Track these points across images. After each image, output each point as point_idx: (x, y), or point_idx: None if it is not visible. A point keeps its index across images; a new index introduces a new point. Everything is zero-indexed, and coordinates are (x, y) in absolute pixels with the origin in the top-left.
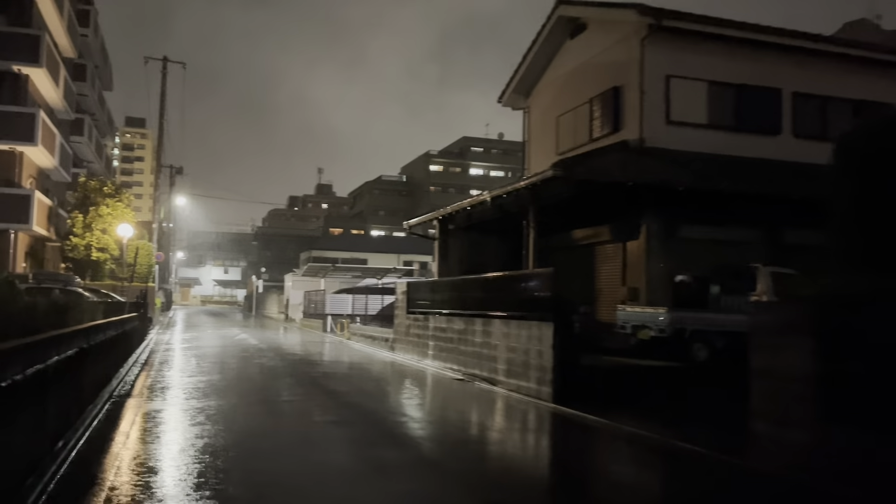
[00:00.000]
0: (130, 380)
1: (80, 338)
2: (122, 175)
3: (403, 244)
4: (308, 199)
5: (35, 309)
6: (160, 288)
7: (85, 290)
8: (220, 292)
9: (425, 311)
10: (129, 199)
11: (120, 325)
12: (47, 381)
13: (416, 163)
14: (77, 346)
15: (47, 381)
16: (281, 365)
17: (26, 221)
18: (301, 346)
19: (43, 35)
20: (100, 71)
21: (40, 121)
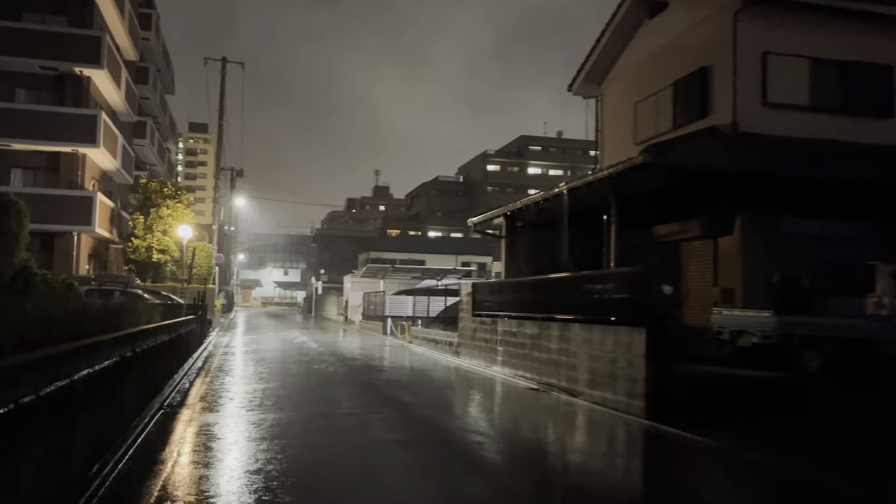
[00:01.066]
0: (184, 388)
1: (122, 345)
2: (186, 180)
3: (461, 245)
4: (366, 201)
5: (86, 312)
6: (221, 290)
7: (144, 292)
8: (280, 294)
9: (493, 313)
10: (189, 200)
11: (174, 329)
12: (73, 399)
13: (474, 163)
14: (118, 355)
15: (73, 400)
16: (341, 371)
17: (88, 223)
18: (361, 350)
19: (103, 36)
20: (162, 74)
21: (102, 122)
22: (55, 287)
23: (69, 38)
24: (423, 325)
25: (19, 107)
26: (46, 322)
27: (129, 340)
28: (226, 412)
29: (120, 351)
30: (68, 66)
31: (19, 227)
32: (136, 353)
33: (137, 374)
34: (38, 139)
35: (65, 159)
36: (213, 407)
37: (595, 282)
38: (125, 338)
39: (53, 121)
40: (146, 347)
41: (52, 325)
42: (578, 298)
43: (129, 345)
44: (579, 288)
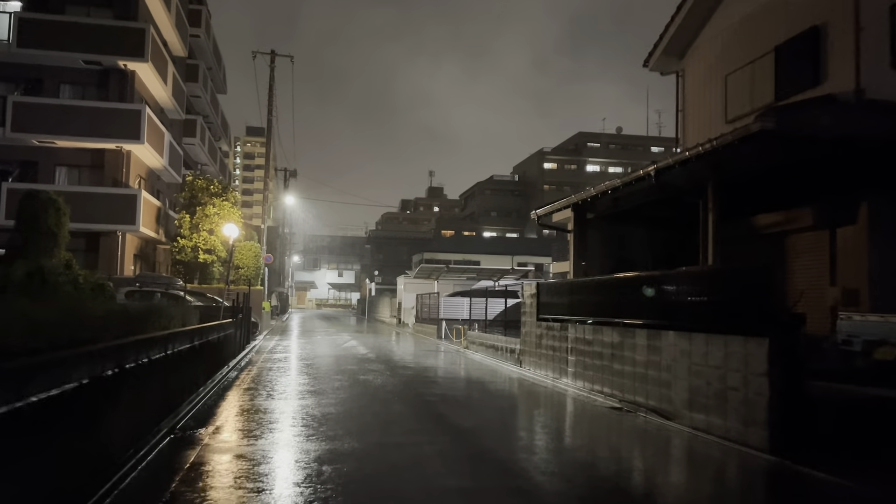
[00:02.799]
0: (208, 404)
1: (109, 357)
2: (244, 183)
3: (516, 245)
4: (419, 202)
5: (109, 318)
6: (273, 291)
7: (187, 294)
8: (334, 295)
9: (562, 317)
10: (236, 198)
11: (199, 335)
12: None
13: (530, 161)
14: (99, 372)
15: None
16: (392, 383)
17: (133, 222)
18: (415, 357)
19: (147, 28)
20: (213, 73)
21: (146, 117)
22: (83, 288)
23: (113, 31)
24: (480, 329)
25: (62, 102)
26: (31, 327)
27: (118, 352)
28: (247, 446)
29: (103, 366)
30: (112, 61)
31: (58, 225)
32: (138, 365)
33: (133, 392)
34: (81, 136)
35: (109, 157)
36: (235, 434)
37: (695, 281)
38: (115, 349)
39: (97, 117)
40: (151, 359)
41: (36, 331)
42: (672, 301)
43: (116, 358)
44: (676, 289)
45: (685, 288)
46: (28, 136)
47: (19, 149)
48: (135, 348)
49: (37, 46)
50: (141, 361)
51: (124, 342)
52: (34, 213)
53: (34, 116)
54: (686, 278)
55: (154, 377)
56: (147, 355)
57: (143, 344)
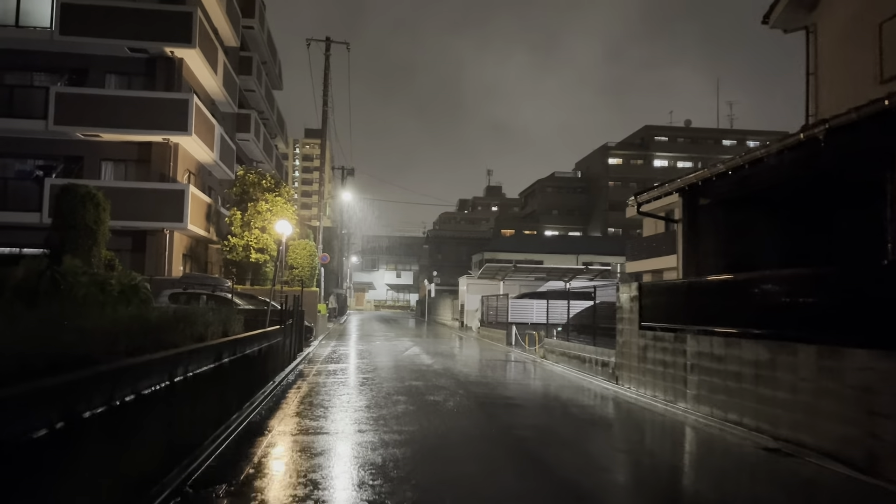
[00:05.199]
0: (238, 443)
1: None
2: (303, 185)
3: (581, 244)
4: (477, 202)
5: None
6: (331, 292)
7: (235, 296)
8: (392, 297)
9: (676, 326)
10: (290, 194)
11: (231, 348)
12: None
13: (593, 156)
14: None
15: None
16: (467, 408)
17: (180, 220)
18: (487, 370)
19: (195, 11)
20: (267, 67)
21: (193, 107)
22: (110, 291)
23: (158, 16)
24: (559, 336)
25: (106, 93)
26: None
27: (83, 390)
28: (276, 499)
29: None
30: (158, 48)
31: (97, 221)
32: (139, 397)
33: (104, 445)
34: (127, 128)
35: (156, 150)
36: (257, 493)
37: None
38: (46, 393)
39: (142, 107)
40: (139, 395)
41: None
42: (860, 307)
43: (83, 400)
44: (861, 290)
45: (877, 288)
46: (72, 130)
47: (63, 143)
48: (144, 372)
49: (80, 34)
50: (119, 401)
51: (74, 378)
52: (71, 209)
53: (78, 108)
54: (881, 275)
55: (150, 417)
56: (133, 389)
57: (117, 375)
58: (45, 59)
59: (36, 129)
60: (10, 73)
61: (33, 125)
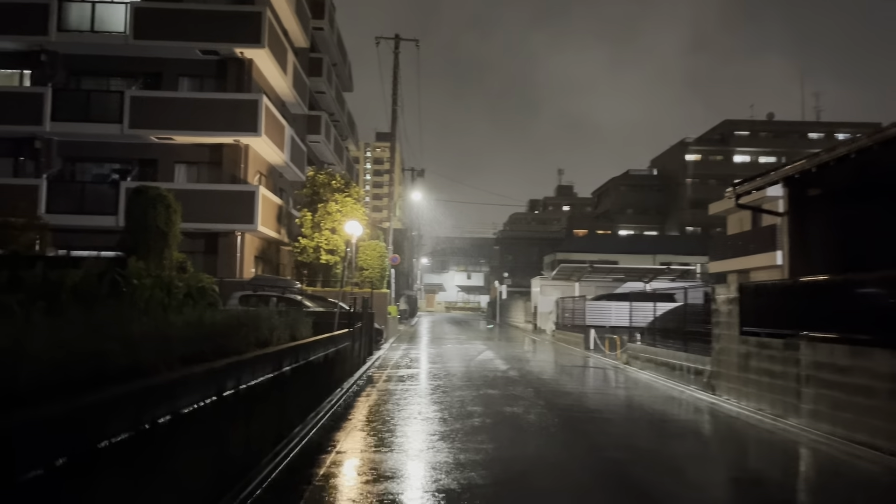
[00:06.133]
0: (298, 463)
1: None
2: (374, 188)
3: (658, 243)
4: (548, 202)
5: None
6: (402, 294)
7: (306, 298)
8: (463, 298)
9: (785, 332)
10: (360, 194)
11: (292, 356)
12: None
13: (670, 153)
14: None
15: None
16: (550, 422)
17: (251, 221)
18: (567, 377)
19: (264, 11)
20: (338, 68)
21: (263, 108)
22: (176, 294)
23: (228, 17)
24: (644, 340)
25: (178, 95)
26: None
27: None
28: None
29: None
30: (229, 49)
31: (168, 223)
32: (126, 438)
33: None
34: (198, 130)
35: (227, 152)
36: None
37: None
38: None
39: (213, 109)
40: (176, 414)
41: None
42: None
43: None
44: None
45: None
46: (146, 133)
47: (138, 146)
48: (114, 407)
49: (153, 37)
50: (149, 423)
51: (83, 404)
52: (143, 211)
53: (151, 111)
54: None
55: (190, 440)
56: (169, 408)
57: (147, 394)
58: (119, 64)
59: (112, 133)
60: (87, 79)
61: (109, 129)
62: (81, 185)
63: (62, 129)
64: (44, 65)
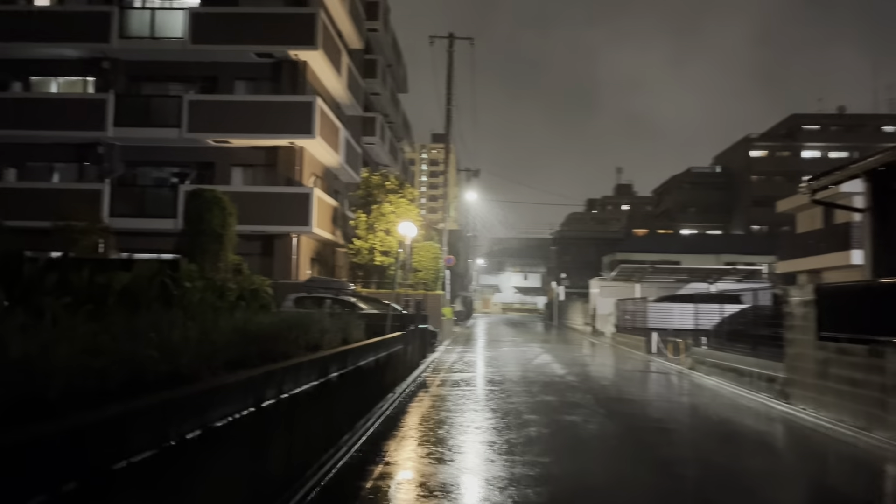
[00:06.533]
0: (352, 463)
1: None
2: (430, 189)
3: (722, 243)
4: (607, 201)
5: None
6: (457, 296)
7: (360, 300)
8: (520, 299)
9: (869, 337)
10: (414, 195)
11: (340, 361)
12: None
13: (734, 149)
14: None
15: None
16: (608, 431)
17: (305, 223)
18: (626, 382)
19: (317, 13)
20: (392, 70)
21: (317, 109)
22: (228, 297)
23: (282, 19)
24: (709, 344)
25: (234, 99)
26: None
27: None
28: None
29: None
30: (283, 51)
31: (224, 226)
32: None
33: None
34: (254, 133)
35: (282, 154)
36: None
37: None
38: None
39: (268, 112)
40: (209, 428)
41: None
42: None
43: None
44: None
45: None
46: (203, 136)
47: (195, 150)
48: (133, 422)
49: (209, 42)
50: (175, 440)
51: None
52: (199, 214)
53: (208, 115)
54: None
55: (223, 455)
56: (199, 421)
57: (175, 406)
58: (177, 69)
59: (170, 137)
60: (147, 84)
61: (168, 133)
62: (142, 189)
63: (124, 134)
64: (106, 71)
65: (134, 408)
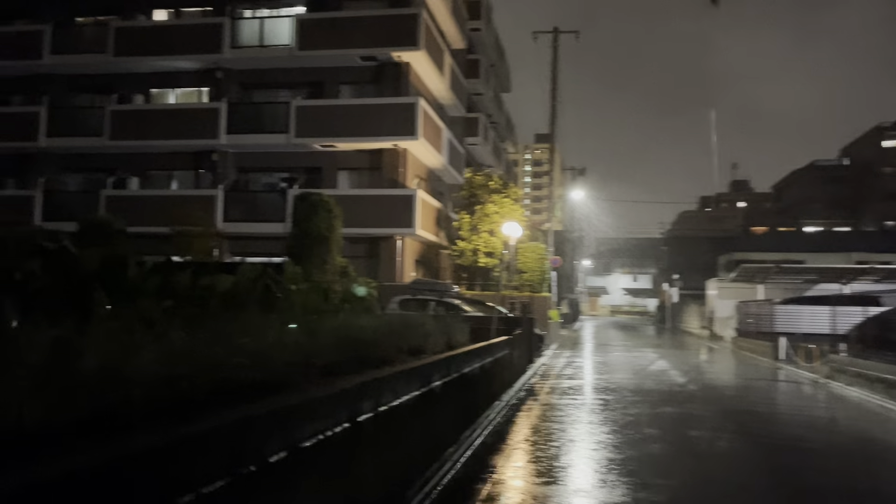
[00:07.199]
0: (457, 479)
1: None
2: (534, 190)
3: (851, 241)
4: (721, 198)
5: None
6: (563, 298)
7: (464, 302)
8: (629, 301)
9: None
10: (518, 195)
11: (446, 366)
12: None
13: (863, 140)
14: None
15: None
16: (741, 451)
17: (409, 225)
18: (755, 392)
19: (419, 13)
20: (496, 69)
21: (420, 111)
22: (332, 299)
23: (385, 21)
24: (850, 350)
25: (339, 103)
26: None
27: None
28: None
29: None
30: (386, 53)
31: (329, 228)
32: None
33: None
34: (358, 136)
35: (386, 157)
36: None
37: None
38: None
39: (372, 114)
40: (336, 432)
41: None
42: None
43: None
44: None
45: None
46: (310, 141)
47: (303, 155)
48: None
49: (315, 47)
50: (257, 465)
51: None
52: (306, 217)
53: (314, 120)
54: None
55: (312, 477)
56: (285, 441)
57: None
58: (285, 76)
59: (279, 142)
60: (257, 92)
61: (277, 139)
62: (253, 195)
63: (235, 140)
64: (219, 81)
65: (204, 429)
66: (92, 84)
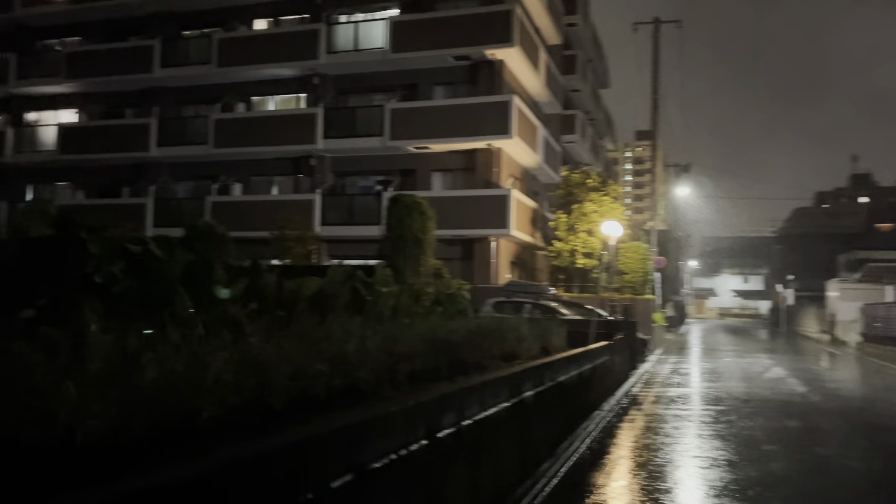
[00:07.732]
0: (551, 499)
1: None
2: (635, 189)
3: None
4: (841, 193)
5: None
6: (668, 300)
7: (561, 305)
8: (739, 304)
9: None
10: (618, 192)
11: (539, 375)
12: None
13: None
14: None
15: None
16: (882, 472)
17: (503, 226)
18: (890, 405)
19: (513, 9)
20: (593, 65)
21: (514, 109)
22: (423, 301)
23: (478, 19)
24: None
25: (432, 104)
26: None
27: None
28: None
29: None
30: (479, 52)
31: (423, 230)
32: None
33: None
34: (451, 137)
35: (480, 157)
36: None
37: None
38: None
39: (465, 114)
40: (413, 449)
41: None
42: None
43: None
44: None
45: None
46: (404, 143)
47: (397, 157)
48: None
49: (409, 49)
50: (322, 487)
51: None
52: (399, 219)
53: (408, 122)
54: None
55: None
56: (348, 463)
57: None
58: (379, 79)
59: (374, 145)
60: (352, 96)
61: (372, 143)
62: (349, 198)
63: (332, 145)
64: (315, 87)
65: (255, 453)
66: (197, 95)
